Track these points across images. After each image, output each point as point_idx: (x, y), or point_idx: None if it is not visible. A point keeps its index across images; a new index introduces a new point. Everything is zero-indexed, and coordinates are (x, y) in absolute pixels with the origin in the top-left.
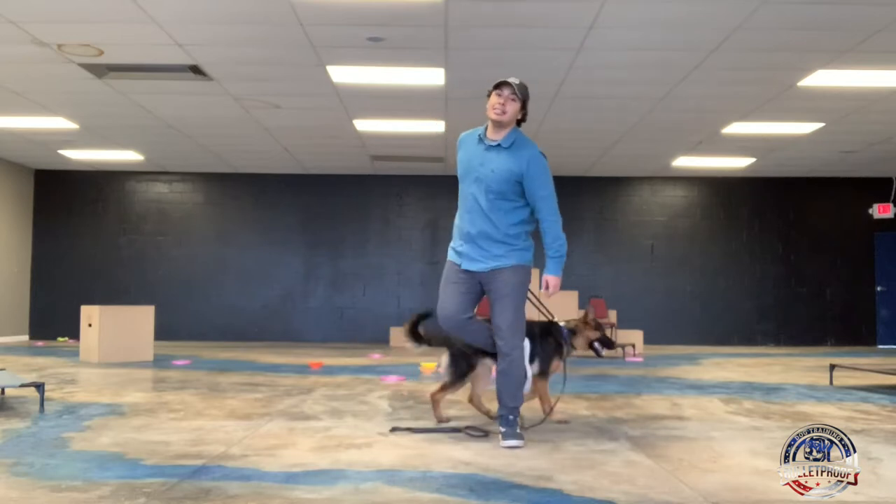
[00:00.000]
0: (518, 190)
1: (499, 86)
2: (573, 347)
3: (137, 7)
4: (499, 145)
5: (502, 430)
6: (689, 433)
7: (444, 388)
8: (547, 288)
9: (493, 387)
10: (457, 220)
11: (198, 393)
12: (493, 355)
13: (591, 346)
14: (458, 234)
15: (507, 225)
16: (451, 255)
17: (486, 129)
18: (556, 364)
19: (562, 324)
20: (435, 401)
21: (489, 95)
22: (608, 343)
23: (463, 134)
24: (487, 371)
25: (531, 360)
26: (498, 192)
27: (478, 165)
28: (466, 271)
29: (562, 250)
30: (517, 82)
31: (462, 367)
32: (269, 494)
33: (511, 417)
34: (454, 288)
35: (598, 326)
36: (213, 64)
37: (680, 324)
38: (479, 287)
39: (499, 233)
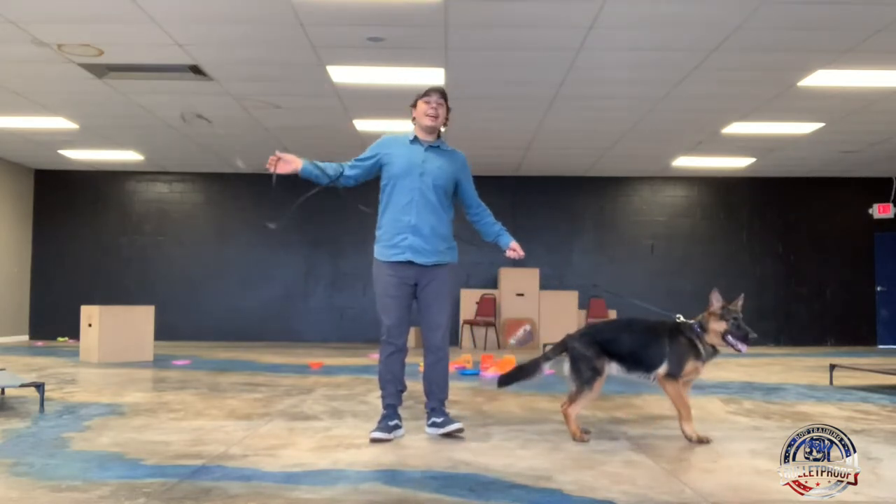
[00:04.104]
0: (452, 189)
1: (427, 93)
2: (711, 347)
3: (137, 7)
4: (438, 147)
5: (439, 420)
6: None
7: (572, 399)
8: (514, 251)
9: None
10: (390, 216)
11: (198, 393)
12: (620, 358)
13: (723, 339)
14: (398, 229)
15: (447, 221)
16: (391, 255)
17: (412, 133)
18: (693, 366)
19: (691, 322)
20: (567, 416)
21: (415, 105)
22: (743, 335)
23: (385, 137)
24: (602, 384)
25: (656, 363)
26: (443, 187)
27: (421, 163)
28: (410, 266)
29: (501, 223)
30: (443, 88)
31: (586, 373)
32: (269, 494)
33: (444, 408)
34: (398, 301)
35: (727, 314)
36: (213, 64)
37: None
38: (413, 291)
39: (442, 227)
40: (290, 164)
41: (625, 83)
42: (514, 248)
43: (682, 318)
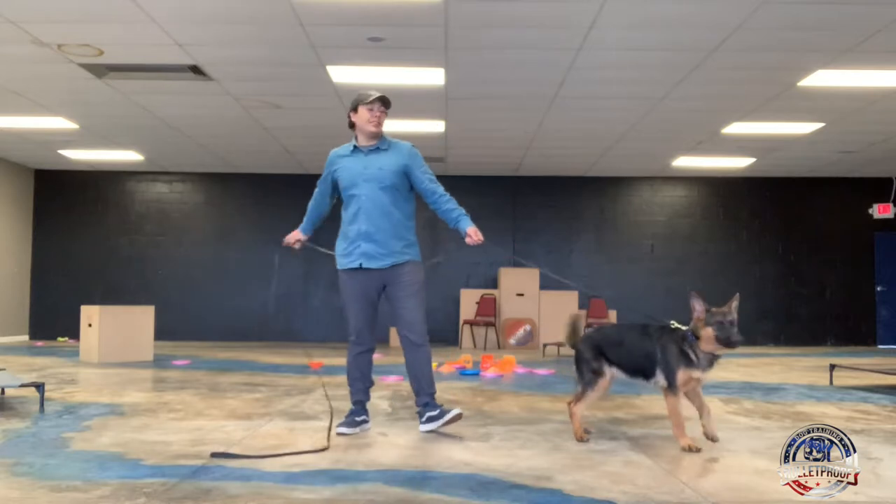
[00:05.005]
0: (406, 182)
1: (371, 102)
2: (709, 354)
3: (137, 7)
4: (377, 148)
5: (434, 413)
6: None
7: (577, 398)
8: (471, 237)
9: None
10: (346, 227)
11: (198, 393)
12: (618, 364)
13: (717, 341)
14: (353, 238)
15: (403, 217)
16: (346, 263)
17: (353, 143)
18: (685, 375)
19: (685, 329)
20: (572, 414)
21: (356, 110)
22: (724, 338)
23: (331, 153)
24: (608, 385)
25: (651, 371)
26: (391, 185)
27: (362, 169)
28: (369, 272)
29: (462, 209)
30: (387, 98)
31: (587, 375)
32: (269, 494)
33: (435, 401)
34: (364, 304)
35: (710, 318)
36: (213, 64)
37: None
38: (379, 294)
39: (396, 226)
40: (295, 237)
41: (625, 83)
42: (469, 234)
43: (675, 325)
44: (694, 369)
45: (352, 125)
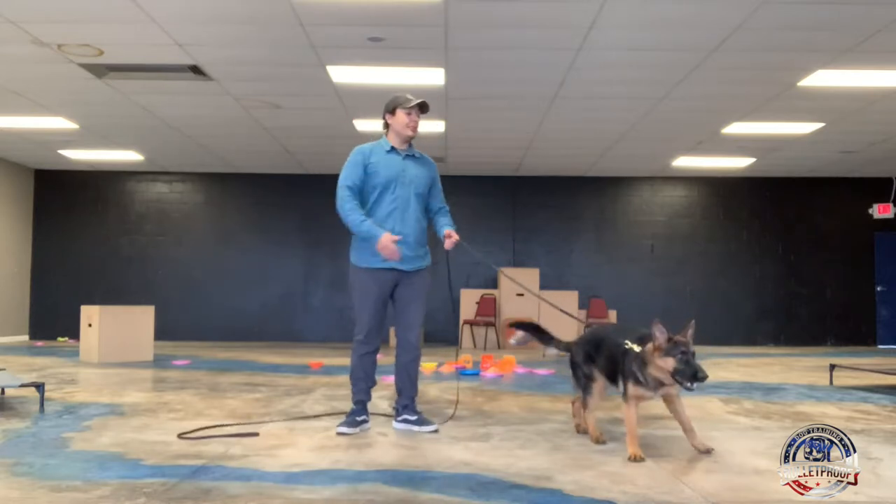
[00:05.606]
0: (427, 194)
1: (412, 107)
2: (656, 380)
3: (137, 7)
4: (412, 155)
5: (413, 418)
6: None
7: (584, 406)
8: (451, 237)
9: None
10: (376, 223)
11: (198, 393)
12: (600, 368)
13: (672, 377)
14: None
15: (424, 225)
16: (370, 261)
17: (387, 142)
18: (635, 392)
19: (632, 347)
20: (586, 422)
21: (393, 112)
22: (691, 373)
23: (360, 147)
24: (603, 388)
25: (615, 378)
26: (422, 193)
27: (401, 171)
28: (390, 272)
29: (452, 223)
30: (427, 104)
31: (581, 380)
32: (269, 494)
33: (415, 406)
34: (380, 304)
35: (673, 350)
36: (213, 64)
37: (680, 324)
38: (391, 294)
39: (422, 234)
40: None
41: (625, 83)
42: (447, 235)
43: (629, 345)
44: (643, 389)
45: (386, 125)
